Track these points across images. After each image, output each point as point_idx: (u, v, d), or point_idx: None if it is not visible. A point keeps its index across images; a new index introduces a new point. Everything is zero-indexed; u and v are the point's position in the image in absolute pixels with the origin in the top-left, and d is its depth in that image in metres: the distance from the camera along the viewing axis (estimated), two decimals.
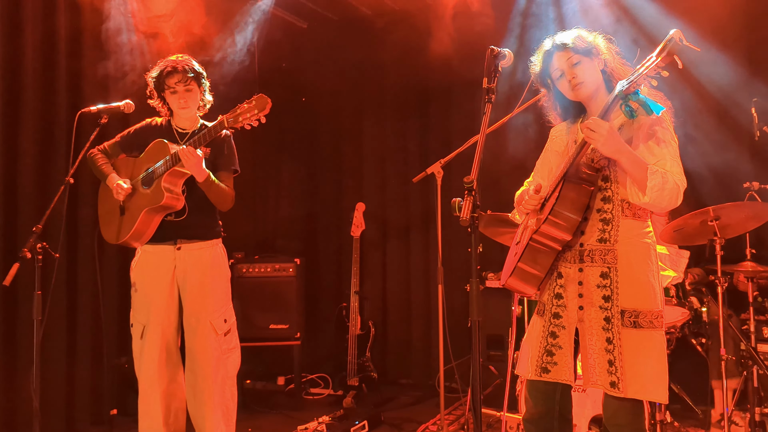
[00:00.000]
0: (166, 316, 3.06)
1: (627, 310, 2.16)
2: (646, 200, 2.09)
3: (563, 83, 2.29)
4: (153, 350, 3.03)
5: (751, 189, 3.68)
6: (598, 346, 2.18)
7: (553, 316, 2.30)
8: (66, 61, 3.92)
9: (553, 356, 2.27)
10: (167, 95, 3.10)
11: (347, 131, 5.67)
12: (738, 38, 4.11)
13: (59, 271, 3.63)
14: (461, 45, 4.68)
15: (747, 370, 3.58)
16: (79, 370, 3.94)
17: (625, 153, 2.08)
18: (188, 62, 3.09)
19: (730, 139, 4.10)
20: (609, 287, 2.19)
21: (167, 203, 2.97)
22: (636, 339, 2.14)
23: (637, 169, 2.08)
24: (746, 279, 3.62)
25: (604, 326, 2.18)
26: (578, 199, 2.17)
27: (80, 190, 3.87)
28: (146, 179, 3.04)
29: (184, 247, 3.08)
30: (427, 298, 5.20)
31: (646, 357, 2.13)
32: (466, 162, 2.23)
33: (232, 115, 2.83)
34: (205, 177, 2.95)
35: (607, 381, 2.15)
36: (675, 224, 3.63)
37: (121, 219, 3.08)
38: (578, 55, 2.25)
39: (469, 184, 1.91)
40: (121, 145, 3.23)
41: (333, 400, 4.71)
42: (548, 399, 2.33)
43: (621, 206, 2.21)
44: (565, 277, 2.29)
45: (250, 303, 4.66)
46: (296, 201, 5.78)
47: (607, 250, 2.21)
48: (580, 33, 2.29)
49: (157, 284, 3.06)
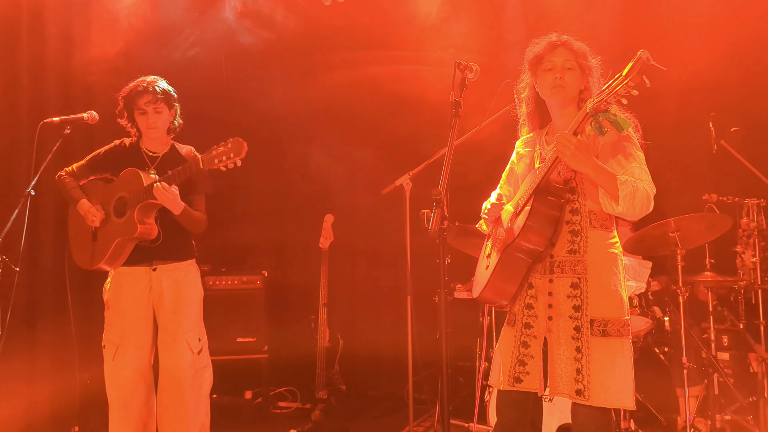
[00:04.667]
0: (141, 337, 3.03)
1: (596, 320, 2.20)
2: (619, 209, 2.14)
3: (547, 77, 2.32)
4: (126, 371, 2.99)
5: (709, 201, 3.78)
6: (566, 356, 2.21)
7: (524, 326, 2.32)
8: (28, 70, 3.85)
9: (525, 366, 2.29)
10: (136, 116, 3.07)
11: (316, 142, 5.66)
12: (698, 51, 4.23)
13: (19, 285, 3.54)
14: (431, 54, 4.73)
15: (708, 378, 3.67)
16: (40, 387, 3.83)
17: (593, 166, 2.13)
18: (160, 83, 3.06)
19: (689, 152, 4.21)
20: (579, 297, 2.23)
21: (141, 235, 2.96)
22: (604, 348, 2.18)
23: (606, 180, 2.14)
24: (706, 289, 3.71)
25: (573, 335, 2.21)
26: (549, 212, 2.21)
27: (42, 202, 3.79)
28: (118, 208, 3.02)
29: (159, 268, 3.07)
30: (396, 309, 5.20)
31: (613, 365, 2.17)
32: (436, 173, 2.25)
33: (208, 157, 2.80)
34: (181, 210, 2.95)
35: (573, 389, 2.18)
36: (637, 235, 3.72)
37: (94, 245, 3.06)
38: (575, 63, 2.31)
39: (437, 196, 1.93)
40: (90, 168, 3.18)
41: (301, 414, 4.67)
42: (520, 408, 2.35)
43: (589, 218, 2.26)
44: (536, 287, 2.32)
45: (217, 316, 4.59)
46: (264, 212, 5.73)
47: (576, 261, 2.25)
48: (587, 49, 2.35)
49: (133, 305, 3.03)
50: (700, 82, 4.07)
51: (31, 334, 3.82)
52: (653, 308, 3.90)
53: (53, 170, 3.18)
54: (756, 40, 4.10)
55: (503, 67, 4.00)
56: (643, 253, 3.72)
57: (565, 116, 2.35)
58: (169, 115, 3.11)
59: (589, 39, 2.39)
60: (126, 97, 3.06)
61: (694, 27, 4.15)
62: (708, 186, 3.98)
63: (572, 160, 2.11)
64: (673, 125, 4.24)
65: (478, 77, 2.29)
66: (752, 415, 3.61)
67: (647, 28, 4.24)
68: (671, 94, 4.13)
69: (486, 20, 4.72)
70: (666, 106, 4.18)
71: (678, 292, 3.50)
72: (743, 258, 3.72)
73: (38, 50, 3.94)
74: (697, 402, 3.68)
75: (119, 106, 3.11)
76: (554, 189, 2.25)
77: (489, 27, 4.66)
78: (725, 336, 3.84)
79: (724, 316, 3.93)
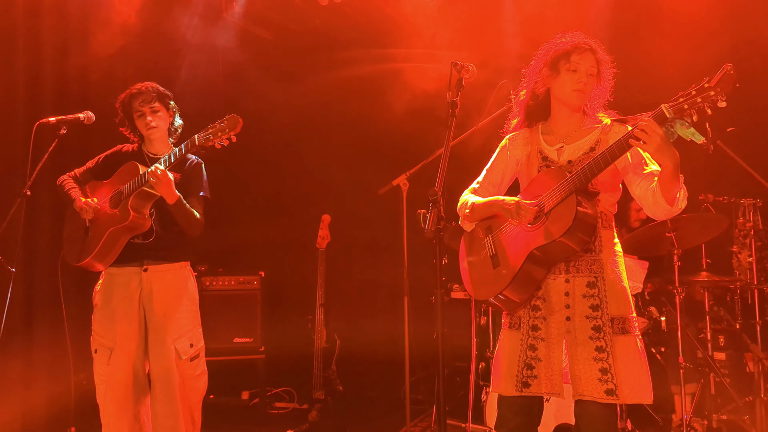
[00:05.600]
0: (133, 339, 2.97)
1: (616, 318, 2.19)
2: (670, 209, 2.13)
3: (572, 77, 2.28)
4: (120, 375, 2.93)
5: (706, 201, 3.78)
6: (586, 356, 2.17)
7: (531, 328, 2.28)
8: (24, 69, 3.84)
9: (533, 370, 2.25)
10: (135, 120, 3.06)
11: (313, 142, 5.67)
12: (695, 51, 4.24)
13: (16, 286, 3.53)
14: (424, 58, 4.73)
15: (704, 378, 3.67)
16: (37, 387, 3.82)
17: (674, 158, 2.04)
18: (153, 85, 3.07)
19: (686, 152, 4.21)
20: (597, 296, 2.21)
21: (133, 223, 2.91)
22: (626, 345, 2.18)
23: (675, 178, 2.07)
24: (702, 289, 3.72)
25: (592, 335, 2.18)
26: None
27: (38, 203, 3.78)
28: (114, 200, 2.99)
29: (150, 269, 3.01)
30: (393, 309, 5.19)
31: (634, 361, 2.18)
32: (433, 173, 2.24)
33: (204, 134, 2.80)
34: (175, 199, 2.89)
35: (601, 390, 2.14)
36: (634, 236, 3.73)
37: (85, 239, 3.01)
38: (597, 70, 2.30)
39: (434, 196, 1.92)
40: (92, 172, 3.16)
41: (298, 414, 4.67)
42: (526, 414, 2.31)
43: (601, 217, 2.26)
44: (546, 288, 2.28)
45: (214, 316, 4.60)
46: (261, 213, 5.74)
47: (593, 260, 2.24)
48: (609, 59, 2.33)
49: (123, 307, 2.98)
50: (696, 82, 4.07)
51: (27, 335, 3.81)
52: (650, 308, 3.91)
53: (49, 171, 3.17)
54: (752, 41, 4.12)
55: (500, 68, 4.00)
56: (639, 253, 3.72)
57: (571, 119, 2.35)
58: (167, 116, 3.10)
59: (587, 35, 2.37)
60: (122, 103, 3.06)
61: (691, 27, 4.16)
62: (704, 186, 3.99)
63: (659, 149, 2.00)
64: None
65: (474, 77, 2.29)
66: (748, 414, 3.62)
67: (643, 28, 4.25)
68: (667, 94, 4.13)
69: (484, 20, 4.72)
70: None
71: (674, 292, 3.50)
72: (739, 258, 3.73)
73: (35, 50, 3.93)
74: (694, 402, 3.69)
75: (119, 116, 3.10)
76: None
77: (486, 27, 4.67)
78: (722, 336, 3.84)
79: (721, 316, 3.94)
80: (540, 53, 2.38)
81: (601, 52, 2.32)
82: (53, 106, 3.82)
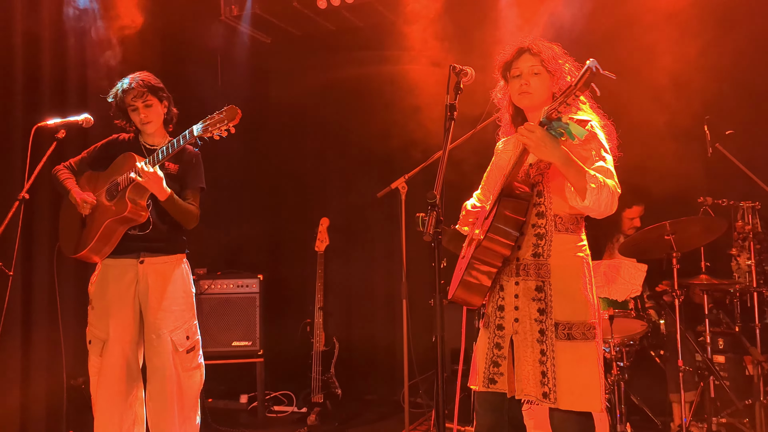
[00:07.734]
0: (128, 331, 2.97)
1: (561, 323, 2.21)
2: (586, 204, 2.13)
3: (516, 83, 2.34)
4: (113, 367, 2.93)
5: (704, 204, 3.78)
6: (532, 358, 2.22)
7: (497, 327, 2.34)
8: (23, 72, 3.84)
9: (498, 367, 2.31)
10: (129, 113, 3.06)
11: (312, 145, 5.67)
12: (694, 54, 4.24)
13: (14, 290, 3.52)
14: (427, 57, 4.73)
15: (704, 381, 3.67)
16: (35, 390, 3.81)
17: (560, 155, 2.09)
18: (145, 77, 3.05)
19: (684, 156, 4.22)
20: (543, 300, 2.25)
21: (130, 215, 2.91)
22: (569, 351, 2.19)
23: (575, 171, 2.11)
24: (701, 292, 3.72)
25: (538, 338, 2.23)
26: (514, 215, 2.21)
27: (36, 206, 3.77)
28: (111, 191, 2.98)
29: (147, 261, 3.01)
30: (392, 313, 5.20)
31: (579, 368, 2.18)
32: (432, 176, 2.25)
33: (203, 125, 2.80)
34: (166, 196, 2.89)
35: (539, 392, 2.19)
36: (633, 239, 3.73)
37: (82, 231, 3.00)
38: (542, 68, 2.30)
39: (432, 199, 1.92)
40: (87, 162, 3.16)
41: (297, 418, 4.66)
42: (496, 410, 2.36)
43: (554, 221, 2.27)
44: (506, 289, 2.34)
45: (213, 319, 4.60)
46: (260, 216, 5.73)
47: (540, 264, 2.27)
48: (556, 51, 2.34)
49: (119, 298, 2.98)
50: (695, 85, 4.08)
51: (25, 337, 3.80)
52: (649, 311, 3.91)
53: (48, 174, 3.16)
54: (751, 43, 4.12)
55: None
56: (638, 257, 3.72)
57: (537, 119, 2.36)
58: (161, 107, 3.09)
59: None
60: (115, 99, 3.05)
61: (690, 29, 4.16)
62: (703, 189, 3.99)
63: (538, 149, 2.08)
64: (668, 129, 4.25)
65: (472, 81, 2.29)
66: (748, 418, 3.62)
67: (643, 29, 4.25)
68: (666, 98, 4.14)
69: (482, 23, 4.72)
70: (660, 110, 4.19)
71: (673, 295, 3.50)
72: (738, 261, 3.73)
73: (33, 53, 3.93)
74: (693, 405, 3.68)
75: (113, 110, 3.10)
76: (519, 191, 2.25)
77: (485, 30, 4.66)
78: (721, 339, 3.84)
79: (720, 319, 3.93)
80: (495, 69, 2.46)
81: (544, 47, 2.32)
82: (52, 109, 3.81)
